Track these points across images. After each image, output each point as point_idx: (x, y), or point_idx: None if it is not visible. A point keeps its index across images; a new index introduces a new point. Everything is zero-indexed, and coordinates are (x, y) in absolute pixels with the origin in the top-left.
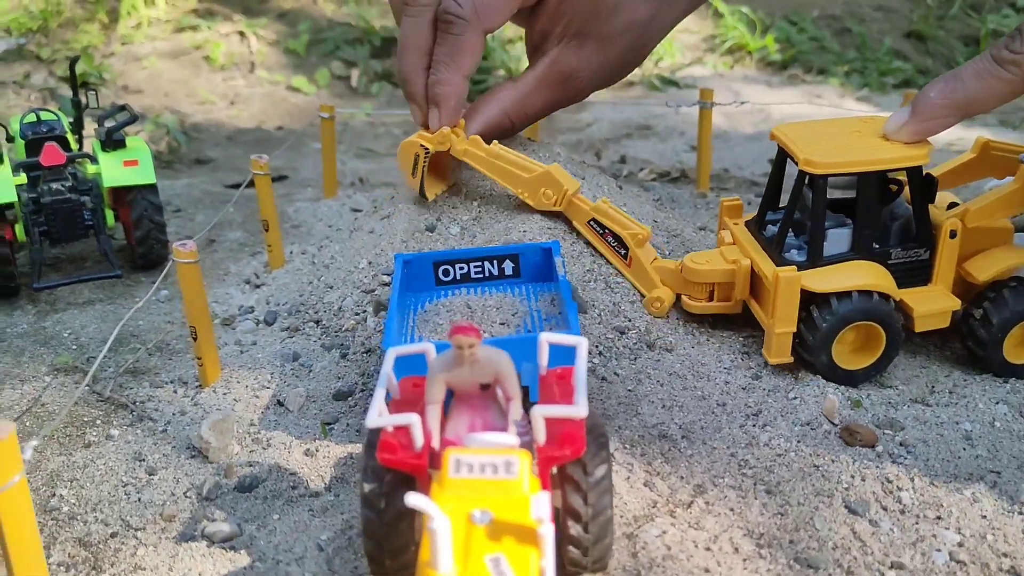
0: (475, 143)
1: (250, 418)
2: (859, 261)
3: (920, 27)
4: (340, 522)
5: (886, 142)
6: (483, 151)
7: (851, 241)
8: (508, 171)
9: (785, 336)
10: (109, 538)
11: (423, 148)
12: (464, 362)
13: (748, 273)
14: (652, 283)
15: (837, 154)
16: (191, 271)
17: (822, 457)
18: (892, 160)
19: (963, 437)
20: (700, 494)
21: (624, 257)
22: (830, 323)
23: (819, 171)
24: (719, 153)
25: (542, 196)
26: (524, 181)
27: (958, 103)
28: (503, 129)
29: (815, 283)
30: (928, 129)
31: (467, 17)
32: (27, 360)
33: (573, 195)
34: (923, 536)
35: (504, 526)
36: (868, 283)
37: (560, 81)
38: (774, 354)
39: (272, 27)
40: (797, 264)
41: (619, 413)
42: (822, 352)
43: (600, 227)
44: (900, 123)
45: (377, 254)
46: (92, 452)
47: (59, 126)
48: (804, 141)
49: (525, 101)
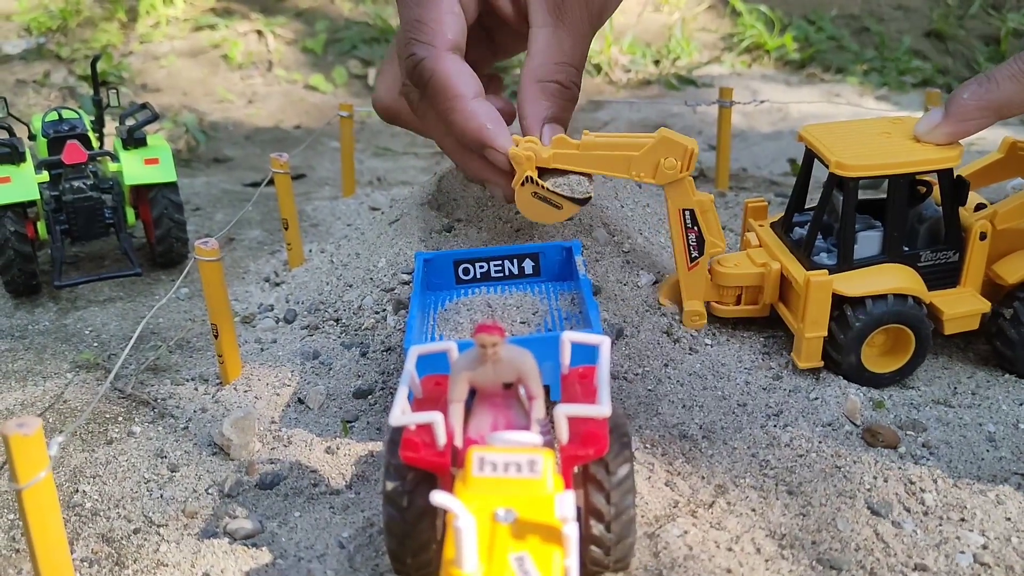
0: (561, 143)
1: (271, 416)
2: (890, 264)
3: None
4: (361, 520)
5: (917, 144)
6: (573, 148)
7: (881, 244)
8: (613, 158)
9: (816, 340)
10: (132, 534)
11: (529, 181)
12: (487, 361)
13: (778, 277)
14: (698, 295)
15: (868, 156)
16: (213, 269)
17: (844, 458)
18: (924, 162)
19: (986, 439)
20: (721, 494)
21: (692, 260)
22: (864, 323)
23: (850, 174)
24: (737, 152)
25: (664, 167)
26: (637, 160)
27: (992, 105)
28: (564, 101)
29: (846, 287)
30: (962, 131)
31: (422, 53)
32: (49, 357)
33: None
34: (947, 538)
35: (528, 525)
36: (900, 286)
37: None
38: (804, 358)
39: (290, 26)
40: (827, 267)
41: (639, 413)
42: (852, 352)
43: (692, 221)
44: (932, 125)
45: (396, 253)
46: (114, 448)
47: (81, 124)
48: (834, 143)
49: (556, 53)
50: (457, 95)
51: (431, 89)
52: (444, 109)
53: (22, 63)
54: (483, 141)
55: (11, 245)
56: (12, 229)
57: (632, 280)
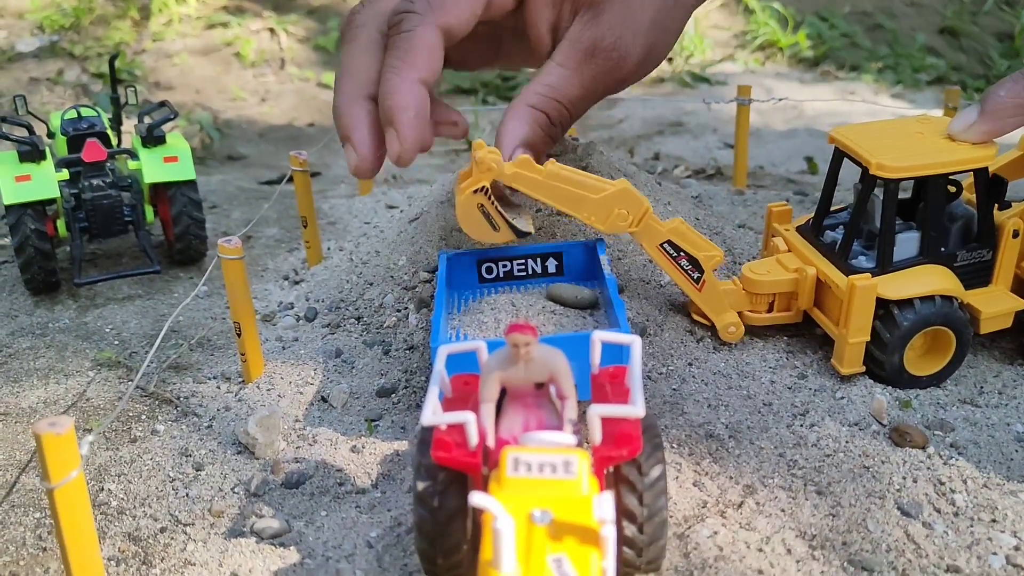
0: (526, 164)
1: (295, 414)
2: (929, 265)
3: (953, 23)
4: (388, 519)
5: (952, 143)
6: (537, 172)
7: (919, 245)
8: (570, 194)
9: (859, 346)
10: (158, 533)
11: (479, 192)
12: (519, 360)
13: (814, 282)
14: (723, 308)
15: (907, 157)
16: (236, 267)
17: (872, 458)
18: (961, 162)
19: (1015, 439)
20: (750, 494)
21: (696, 282)
22: (912, 322)
23: (892, 175)
24: (753, 150)
25: (616, 218)
26: (593, 204)
27: None
28: (545, 134)
29: (890, 290)
30: (999, 129)
31: (418, 9)
32: (71, 355)
33: (651, 213)
34: (978, 539)
35: (565, 526)
36: (942, 287)
37: (589, 57)
38: (847, 364)
39: (302, 24)
40: (867, 271)
41: (665, 412)
42: (896, 352)
43: (675, 249)
44: (968, 123)
45: (416, 251)
46: (138, 447)
47: (99, 122)
48: (870, 144)
49: (561, 93)
50: (413, 64)
51: (399, 40)
52: (392, 64)
53: (35, 61)
54: (395, 118)
55: (31, 243)
56: (32, 227)
57: (655, 278)
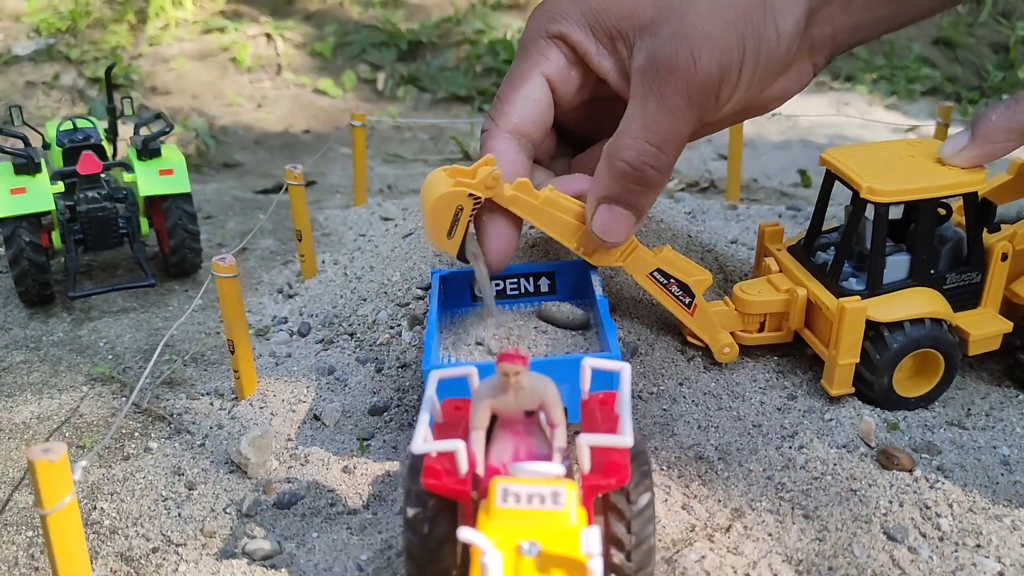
0: (524, 188)
1: (287, 433)
2: (918, 288)
3: (949, 34)
4: (379, 541)
5: (942, 167)
6: (534, 197)
7: (909, 267)
8: (565, 222)
9: (849, 367)
10: (151, 553)
11: (472, 197)
12: (509, 388)
13: (804, 303)
14: (716, 330)
15: (898, 181)
16: (230, 285)
17: (859, 481)
18: (951, 186)
19: (1001, 462)
20: (738, 518)
21: (688, 307)
22: (902, 344)
23: (883, 199)
24: (747, 162)
25: (604, 251)
26: (585, 235)
27: (1020, 127)
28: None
29: (880, 313)
30: (989, 154)
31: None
32: (64, 369)
33: (639, 246)
34: (963, 564)
35: (552, 558)
36: (932, 310)
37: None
38: (836, 385)
39: (299, 29)
40: (857, 293)
41: (654, 433)
42: (886, 374)
43: (665, 277)
44: (958, 148)
45: (410, 267)
46: (131, 465)
47: (95, 134)
48: (861, 168)
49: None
50: None
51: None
52: None
53: (31, 64)
54: None
55: (26, 255)
56: (27, 239)
57: (647, 297)
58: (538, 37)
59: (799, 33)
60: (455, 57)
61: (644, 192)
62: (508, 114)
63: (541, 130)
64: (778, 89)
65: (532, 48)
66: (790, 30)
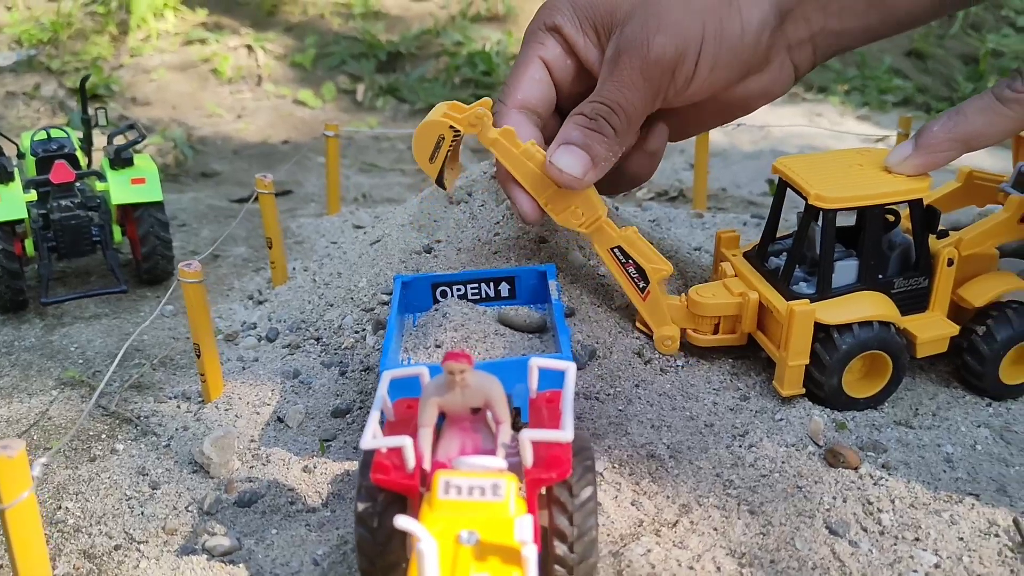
0: (507, 135)
1: (251, 434)
2: (866, 292)
3: (920, 46)
4: (336, 537)
5: (889, 175)
6: (514, 146)
7: (858, 272)
8: (538, 176)
9: (798, 368)
10: (113, 550)
11: (452, 129)
12: (455, 387)
13: (756, 306)
14: (664, 320)
15: (844, 188)
16: (196, 291)
17: (806, 478)
18: (896, 193)
19: (944, 460)
20: (685, 513)
21: (642, 291)
22: (850, 346)
23: (829, 205)
24: (718, 171)
25: (570, 213)
26: (555, 194)
27: (961, 137)
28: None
29: (829, 315)
30: (931, 162)
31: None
32: (35, 374)
33: (604, 219)
34: (900, 557)
35: (490, 547)
36: (878, 313)
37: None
38: (787, 386)
39: (279, 41)
40: (807, 296)
41: (609, 433)
42: (835, 375)
43: (624, 256)
44: (903, 156)
45: (376, 273)
46: (97, 466)
47: (69, 144)
48: (810, 175)
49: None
50: None
51: None
52: None
53: (12, 75)
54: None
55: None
56: (0, 247)
57: (606, 302)
58: (537, 28)
59: (767, 27)
60: (434, 68)
61: (599, 138)
62: (513, 93)
63: (546, 106)
64: (759, 87)
65: (532, 38)
66: (755, 23)
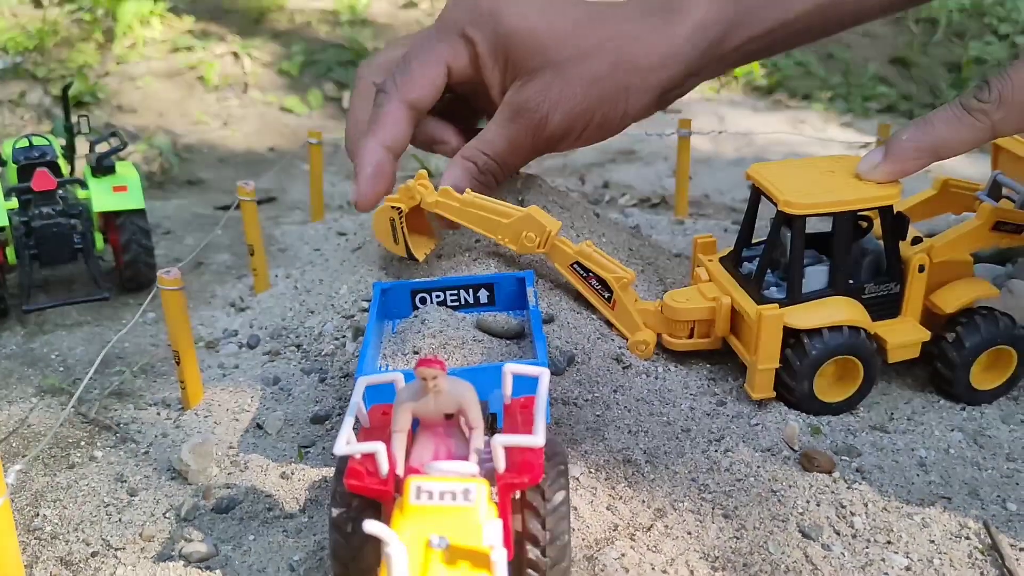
0: (446, 194)
1: (229, 441)
2: (837, 297)
3: (904, 53)
4: (312, 543)
5: (859, 182)
6: (456, 200)
7: (828, 278)
8: (485, 218)
9: (768, 372)
10: (90, 557)
11: (395, 209)
12: (429, 393)
13: (729, 311)
14: (636, 326)
15: (814, 195)
16: (175, 298)
17: (780, 482)
18: (866, 200)
19: (918, 463)
20: (660, 518)
21: (608, 300)
22: (820, 351)
23: (798, 212)
24: (701, 178)
25: (524, 240)
26: (504, 227)
27: (928, 147)
28: (476, 181)
29: (799, 320)
30: (900, 171)
31: (387, 89)
32: (15, 381)
33: (555, 236)
34: (872, 560)
35: (460, 551)
36: (848, 318)
37: (515, 116)
38: (757, 390)
39: (266, 48)
40: (777, 301)
41: (586, 438)
42: (806, 379)
43: (583, 270)
44: (873, 164)
45: (357, 280)
46: (76, 473)
47: (51, 151)
48: (781, 182)
49: (489, 146)
50: (378, 133)
51: (373, 114)
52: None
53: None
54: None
55: None
56: None
57: (586, 308)
58: (453, 31)
59: (647, 112)
60: None
61: (483, 186)
62: (409, 89)
63: (430, 106)
64: None
65: (445, 37)
66: (637, 110)
